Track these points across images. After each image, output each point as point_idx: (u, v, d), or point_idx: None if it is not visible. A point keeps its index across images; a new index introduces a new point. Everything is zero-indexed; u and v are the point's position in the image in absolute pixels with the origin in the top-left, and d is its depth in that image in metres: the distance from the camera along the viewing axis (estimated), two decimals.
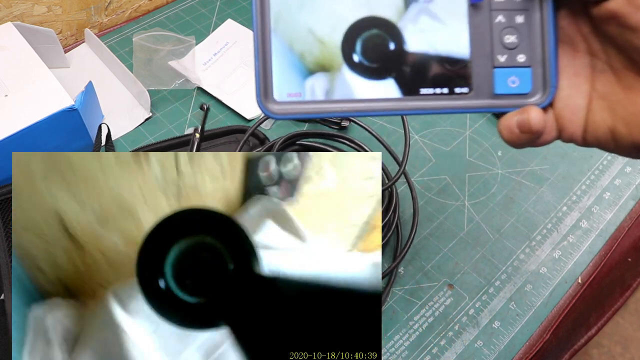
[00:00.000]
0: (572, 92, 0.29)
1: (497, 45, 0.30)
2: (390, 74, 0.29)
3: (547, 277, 0.51)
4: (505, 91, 0.30)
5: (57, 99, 0.53)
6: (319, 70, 0.29)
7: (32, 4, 0.69)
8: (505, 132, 0.29)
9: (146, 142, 0.62)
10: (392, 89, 0.30)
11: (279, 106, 0.29)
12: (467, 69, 0.30)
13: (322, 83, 0.30)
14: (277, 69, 0.29)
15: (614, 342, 1.21)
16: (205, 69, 0.69)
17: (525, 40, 0.30)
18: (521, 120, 0.28)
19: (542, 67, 0.30)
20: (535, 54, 0.30)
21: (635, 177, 0.59)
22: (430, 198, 0.57)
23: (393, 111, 0.30)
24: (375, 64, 0.29)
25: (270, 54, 0.29)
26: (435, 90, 0.30)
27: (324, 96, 0.29)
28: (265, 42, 0.29)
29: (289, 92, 0.29)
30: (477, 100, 0.30)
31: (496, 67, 0.30)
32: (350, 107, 0.30)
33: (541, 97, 0.30)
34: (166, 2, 0.82)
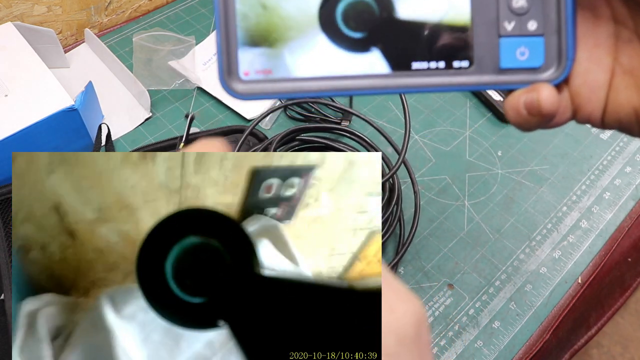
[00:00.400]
0: (591, 66, 0.25)
1: (504, 9, 0.25)
2: (376, 45, 0.25)
3: (547, 277, 0.51)
4: (513, 65, 0.26)
5: (57, 99, 0.53)
6: (291, 42, 0.25)
7: (32, 4, 0.69)
8: (511, 112, 0.25)
9: (146, 142, 0.62)
10: (379, 63, 0.25)
11: (245, 85, 0.25)
12: (468, 39, 0.25)
13: (296, 57, 0.25)
14: (242, 41, 0.25)
15: (614, 342, 1.21)
16: (205, 69, 0.69)
17: (537, 4, 0.25)
18: (530, 101, 0.24)
19: (557, 36, 0.25)
20: (548, 20, 0.25)
21: (635, 177, 0.59)
22: (430, 198, 0.57)
23: (380, 90, 0.25)
24: (358, 33, 0.25)
25: (234, 25, 0.24)
26: (429, 64, 0.25)
27: (298, 73, 0.25)
28: (228, 9, 0.24)
29: (257, 68, 0.25)
30: (479, 76, 0.26)
31: (502, 37, 0.25)
32: (329, 86, 0.25)
33: (555, 71, 0.25)
34: (166, 2, 0.82)
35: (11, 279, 0.44)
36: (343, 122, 0.60)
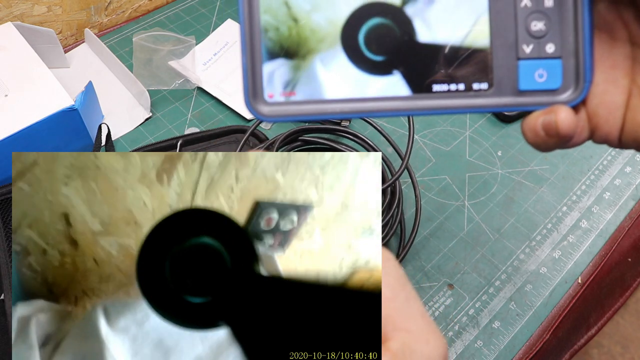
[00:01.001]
0: (608, 87, 0.25)
1: (522, 33, 0.26)
2: (397, 68, 0.26)
3: (547, 277, 0.51)
4: (532, 87, 0.26)
5: (57, 99, 0.53)
6: (314, 66, 0.26)
7: (32, 4, 0.69)
8: (529, 134, 0.26)
9: (146, 142, 0.62)
10: (400, 86, 0.26)
11: (270, 108, 0.26)
12: (487, 62, 0.26)
13: (319, 80, 0.26)
14: (267, 65, 0.25)
15: (614, 342, 1.21)
16: (205, 69, 0.69)
17: (555, 28, 0.25)
18: (547, 122, 0.25)
19: (575, 58, 0.26)
20: (566, 43, 0.26)
21: (635, 177, 0.59)
22: (430, 198, 0.57)
23: (401, 112, 0.26)
24: (380, 56, 0.26)
25: (260, 49, 0.25)
26: (449, 86, 0.26)
27: (322, 95, 0.26)
28: (254, 34, 0.25)
29: (281, 91, 0.26)
30: (498, 98, 0.26)
31: (521, 59, 0.26)
32: (352, 108, 0.26)
33: (573, 93, 0.26)
34: (166, 2, 0.82)
35: (11, 279, 0.44)
36: (343, 123, 0.60)
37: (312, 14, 0.25)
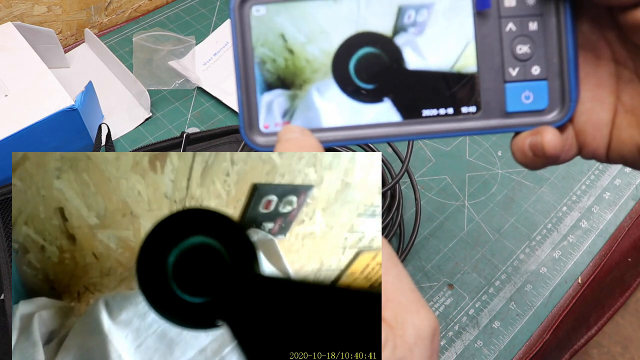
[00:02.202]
0: (594, 105, 0.26)
1: (508, 56, 0.26)
2: (387, 95, 0.27)
3: (547, 277, 0.51)
4: (519, 108, 0.27)
5: (57, 99, 0.53)
6: (307, 96, 0.26)
7: (32, 4, 0.69)
8: (518, 154, 0.26)
9: (146, 142, 0.62)
10: (391, 112, 0.27)
11: (265, 138, 0.27)
12: (475, 86, 0.27)
13: (312, 110, 0.26)
14: (262, 98, 0.26)
15: (614, 342, 1.21)
16: (205, 69, 0.69)
17: (540, 50, 0.26)
18: (534, 143, 0.25)
19: (560, 79, 0.26)
20: (551, 65, 0.26)
21: (635, 177, 0.59)
22: (430, 198, 0.57)
23: (392, 137, 0.27)
24: (370, 85, 0.26)
25: (254, 82, 0.26)
26: (438, 111, 0.27)
27: (314, 124, 0.27)
28: (248, 69, 0.26)
29: (276, 121, 0.27)
30: (486, 121, 0.27)
31: (507, 82, 0.27)
32: (344, 136, 0.27)
33: (559, 113, 0.26)
34: (166, 2, 0.82)
35: (11, 279, 0.44)
36: None
37: (306, 45, 0.26)
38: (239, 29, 0.26)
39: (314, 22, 0.26)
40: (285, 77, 0.26)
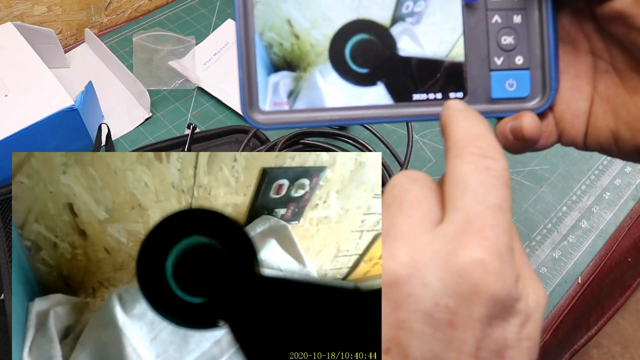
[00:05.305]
0: (573, 95, 0.28)
1: (494, 47, 0.28)
2: (380, 80, 0.28)
3: (547, 277, 0.51)
4: (503, 95, 0.29)
5: (57, 99, 0.53)
6: (306, 78, 0.28)
7: (32, 4, 0.69)
8: (500, 137, 0.28)
9: (146, 142, 0.62)
10: (384, 95, 0.28)
11: (265, 116, 0.28)
12: (462, 73, 0.28)
13: (310, 91, 0.28)
14: (262, 77, 0.28)
15: (614, 342, 1.21)
16: (205, 69, 0.69)
17: (523, 41, 0.28)
18: (514, 127, 0.27)
19: (542, 69, 0.28)
20: (534, 55, 0.28)
21: (635, 177, 0.59)
22: None
23: (384, 119, 0.28)
24: (364, 69, 0.28)
25: (254, 62, 0.28)
26: (428, 95, 0.28)
27: (312, 104, 0.28)
28: (249, 48, 0.27)
29: (275, 100, 0.28)
30: (473, 106, 0.28)
31: (493, 70, 0.28)
32: (340, 116, 0.28)
33: (540, 100, 0.28)
34: (166, 2, 0.82)
35: (11, 279, 0.44)
36: None
37: (311, 30, 0.28)
38: (242, 12, 0.27)
39: (318, 9, 0.28)
40: (291, 60, 0.28)
